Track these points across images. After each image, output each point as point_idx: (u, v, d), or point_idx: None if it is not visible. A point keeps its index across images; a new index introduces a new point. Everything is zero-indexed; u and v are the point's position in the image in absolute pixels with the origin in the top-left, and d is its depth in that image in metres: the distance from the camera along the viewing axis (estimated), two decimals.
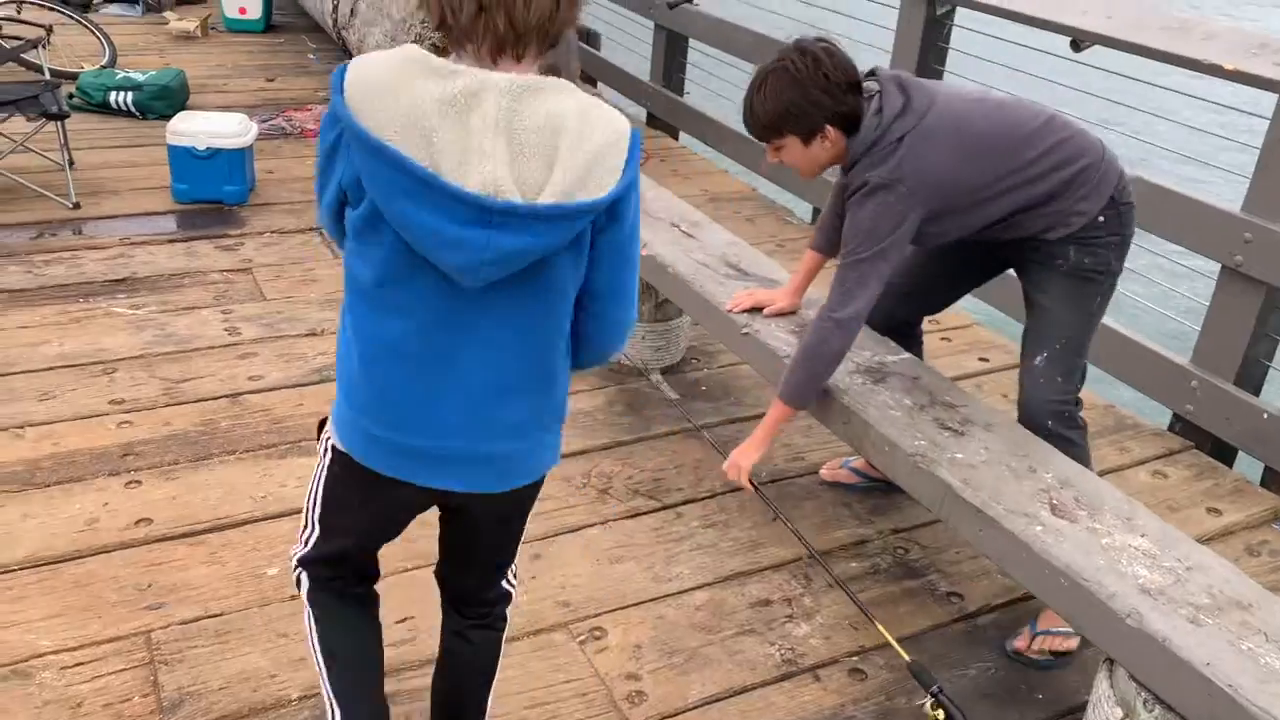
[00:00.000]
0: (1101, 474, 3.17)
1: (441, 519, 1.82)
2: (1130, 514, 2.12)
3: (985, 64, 4.36)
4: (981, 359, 3.85)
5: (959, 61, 4.41)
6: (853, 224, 2.33)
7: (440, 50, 1.47)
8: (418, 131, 1.36)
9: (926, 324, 4.02)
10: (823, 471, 3.06)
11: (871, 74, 2.39)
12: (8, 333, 3.44)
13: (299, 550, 1.82)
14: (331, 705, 1.78)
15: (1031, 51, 4.04)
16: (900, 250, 2.32)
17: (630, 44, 6.92)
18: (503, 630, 1.93)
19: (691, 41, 6.00)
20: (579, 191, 1.40)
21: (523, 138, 1.38)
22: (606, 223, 1.49)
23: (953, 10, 4.27)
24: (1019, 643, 2.47)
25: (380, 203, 1.40)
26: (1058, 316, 2.44)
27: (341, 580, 1.84)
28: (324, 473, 1.72)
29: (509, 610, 1.93)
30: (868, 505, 2.96)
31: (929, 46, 4.31)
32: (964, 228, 2.40)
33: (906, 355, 2.70)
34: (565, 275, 1.51)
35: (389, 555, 2.54)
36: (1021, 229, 2.40)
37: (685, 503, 2.91)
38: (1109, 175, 2.36)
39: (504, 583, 1.90)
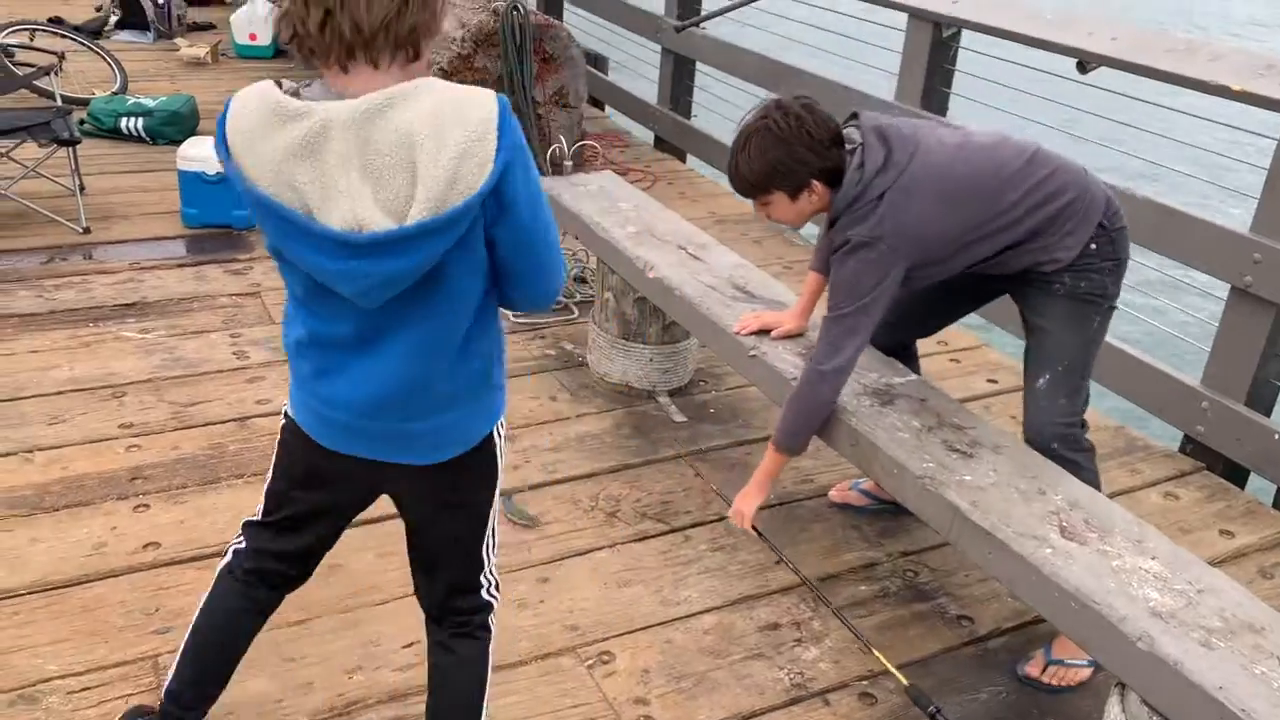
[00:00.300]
0: (1112, 495, 3.15)
1: (406, 527, 1.87)
2: (1141, 536, 2.11)
3: (991, 86, 4.37)
4: (990, 380, 3.84)
5: (965, 84, 4.42)
6: (836, 280, 2.37)
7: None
8: (283, 178, 1.43)
9: (935, 345, 4.03)
10: (832, 493, 3.05)
11: (853, 118, 2.41)
12: (18, 357, 3.45)
13: (247, 518, 1.95)
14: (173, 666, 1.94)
15: (1037, 73, 4.04)
16: (884, 303, 2.36)
17: (639, 68, 6.96)
18: (486, 640, 1.90)
19: (699, 65, 6.03)
20: (449, 197, 1.40)
21: (377, 163, 1.40)
22: (497, 213, 1.48)
23: (958, 33, 4.29)
24: (1031, 669, 2.44)
25: (274, 242, 1.52)
26: (1058, 339, 2.44)
27: (259, 570, 1.92)
28: (277, 439, 1.84)
29: (491, 619, 1.91)
30: (877, 528, 2.95)
31: (935, 69, 4.32)
32: (949, 271, 2.43)
33: (914, 377, 2.70)
34: (462, 275, 1.53)
35: (392, 580, 2.55)
36: (1009, 266, 2.42)
37: (693, 526, 2.90)
38: (1094, 205, 2.38)
39: (481, 593, 1.89)
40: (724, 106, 6.11)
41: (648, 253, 3.23)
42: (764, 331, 2.84)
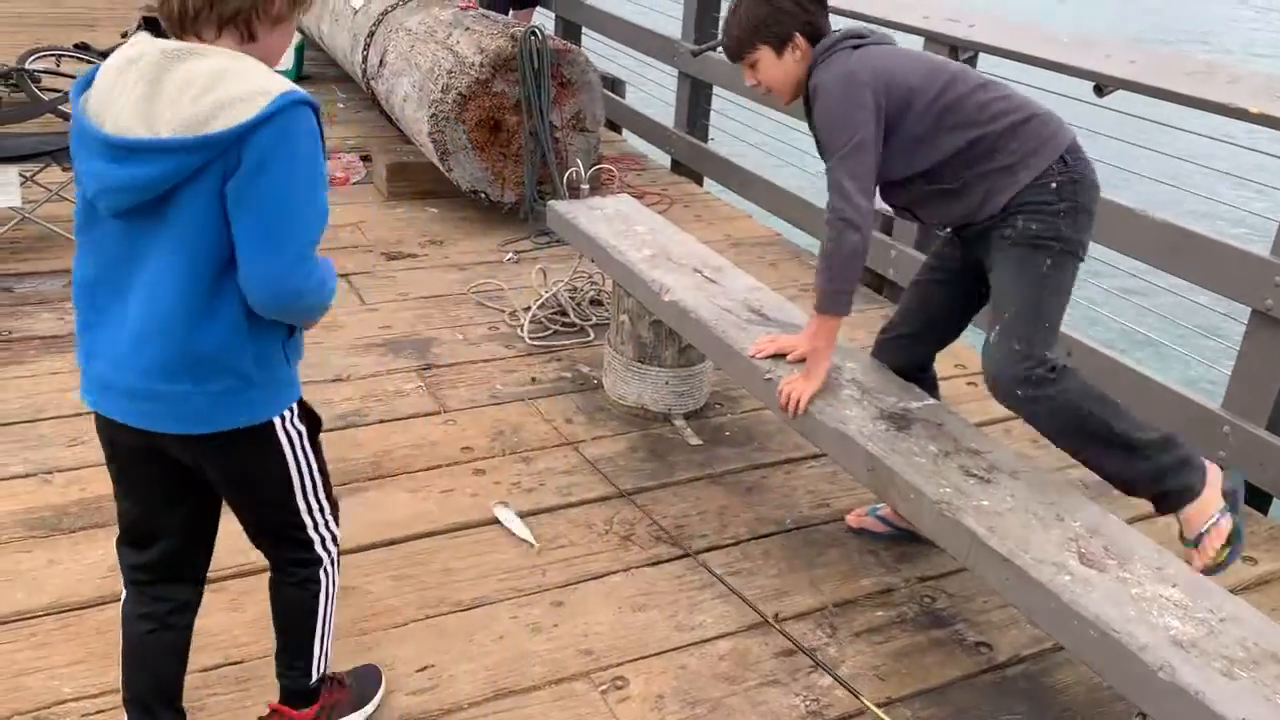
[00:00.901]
0: (1132, 521, 3.12)
1: None
2: (1161, 563, 2.08)
3: None
4: None
5: None
6: (823, 125, 2.44)
7: None
8: (101, 93, 1.67)
9: (953, 369, 4.01)
10: (849, 518, 3.03)
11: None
12: (39, 379, 3.48)
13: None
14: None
15: (1055, 96, 4.03)
16: (877, 139, 2.39)
17: (657, 92, 6.99)
18: (314, 592, 1.99)
19: (716, 89, 6.05)
20: (197, 129, 1.59)
21: (161, 88, 1.62)
22: (235, 168, 1.61)
23: (975, 56, 4.28)
24: (1197, 561, 2.37)
25: (74, 162, 1.71)
26: (1004, 287, 2.46)
27: (146, 580, 1.97)
28: None
29: (323, 571, 1.99)
30: (894, 553, 2.92)
31: None
32: (911, 167, 2.47)
33: (931, 401, 2.68)
34: (199, 213, 1.64)
35: (409, 602, 2.55)
36: (972, 196, 2.45)
37: (709, 550, 2.88)
38: (1061, 134, 2.43)
39: (304, 550, 1.96)
40: (741, 130, 6.14)
41: (663, 276, 3.24)
42: (779, 355, 2.83)
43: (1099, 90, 3.65)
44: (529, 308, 4.16)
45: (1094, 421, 2.39)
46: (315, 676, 2.06)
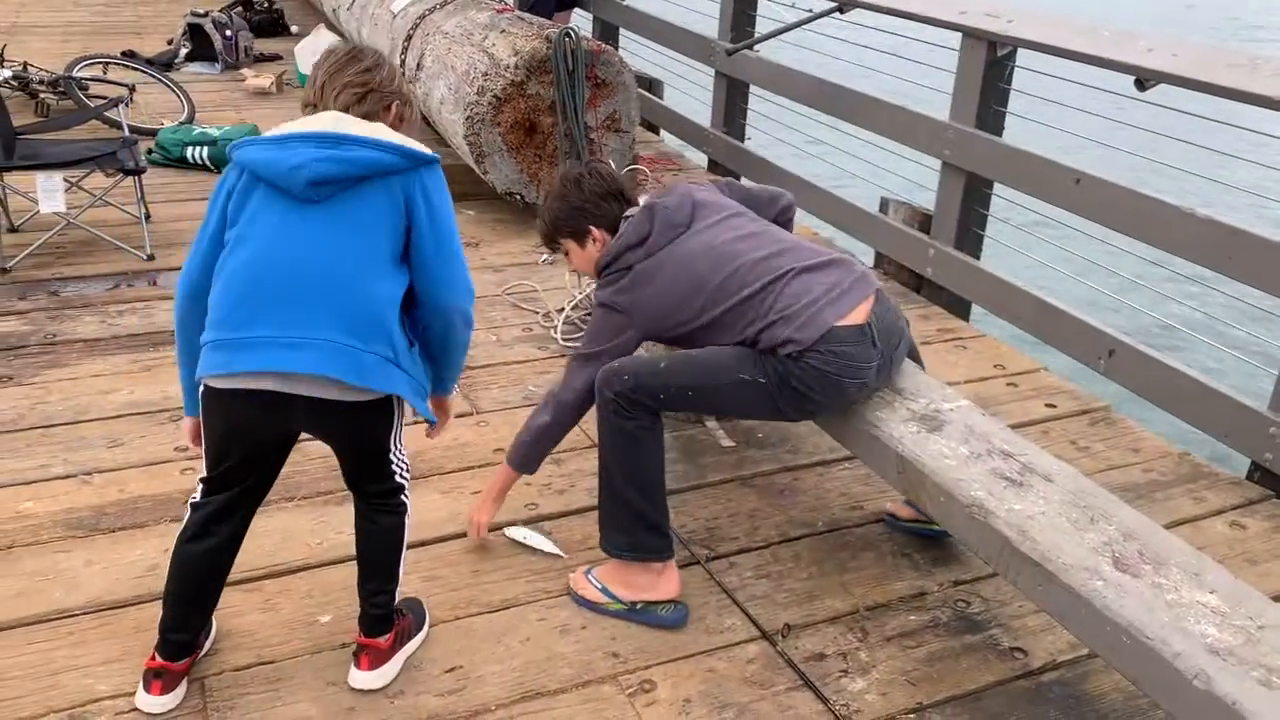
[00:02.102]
0: (1176, 524, 3.07)
1: None
2: (1199, 568, 2.03)
3: (1050, 105, 4.30)
4: (1049, 405, 3.75)
5: (1021, 103, 4.35)
6: (589, 324, 2.69)
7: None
8: (278, 132, 2.16)
9: (992, 369, 3.96)
10: (889, 505, 3.01)
11: (648, 204, 2.71)
12: (81, 380, 3.55)
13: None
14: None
15: (1096, 91, 3.97)
16: (617, 355, 2.62)
17: (696, 92, 6.97)
18: (402, 514, 2.31)
19: (753, 88, 6.02)
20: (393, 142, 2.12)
21: (344, 123, 2.13)
22: (414, 187, 2.13)
23: (1014, 51, 4.22)
24: None
25: None
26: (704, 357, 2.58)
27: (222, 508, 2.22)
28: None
29: (404, 496, 2.31)
30: (928, 556, 2.89)
31: (989, 88, 4.26)
32: (699, 343, 2.63)
33: (964, 402, 2.64)
34: (383, 206, 2.12)
35: (438, 603, 2.56)
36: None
37: (739, 552, 2.86)
38: (807, 334, 2.48)
39: (392, 478, 2.27)
40: (778, 129, 6.11)
41: None
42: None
43: (1140, 84, 3.58)
44: (562, 309, 4.16)
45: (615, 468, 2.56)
46: (398, 597, 2.34)
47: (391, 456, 2.25)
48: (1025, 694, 2.43)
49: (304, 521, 2.88)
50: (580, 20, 7.70)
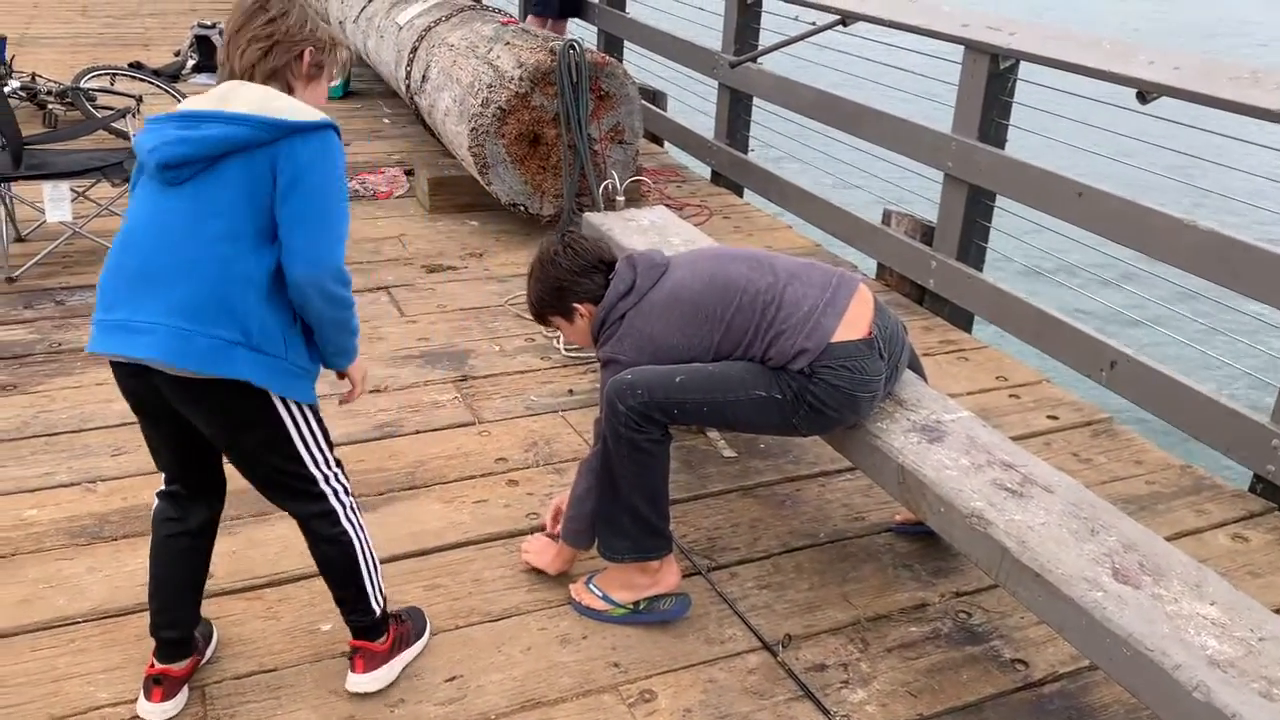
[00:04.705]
0: (1178, 536, 3.06)
1: None
2: (1199, 580, 2.03)
3: (1051, 117, 4.31)
4: (1050, 416, 3.75)
5: (1023, 115, 4.36)
6: (599, 383, 2.65)
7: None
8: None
9: (994, 380, 3.96)
10: (897, 515, 3.02)
11: (625, 256, 2.72)
12: (85, 389, 3.56)
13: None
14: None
15: (1098, 104, 3.98)
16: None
17: (697, 103, 7.00)
18: (344, 541, 2.22)
19: (756, 100, 6.05)
20: (265, 114, 1.98)
21: (231, 96, 2.02)
22: (284, 157, 1.97)
23: (1016, 64, 4.24)
24: None
25: None
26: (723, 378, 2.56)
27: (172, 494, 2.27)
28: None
29: (345, 517, 2.22)
30: (930, 567, 2.88)
31: (992, 101, 4.27)
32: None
33: (965, 413, 2.65)
34: (248, 182, 1.99)
35: (438, 613, 2.56)
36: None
37: (740, 563, 2.86)
38: (804, 358, 2.50)
39: (313, 498, 2.19)
40: (781, 141, 6.13)
41: None
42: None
43: (1142, 97, 3.59)
44: None
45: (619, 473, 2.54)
46: (378, 610, 2.31)
47: (299, 470, 2.14)
48: (1026, 706, 2.43)
49: None
50: (585, 32, 7.74)
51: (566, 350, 4.01)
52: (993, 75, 4.23)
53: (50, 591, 2.60)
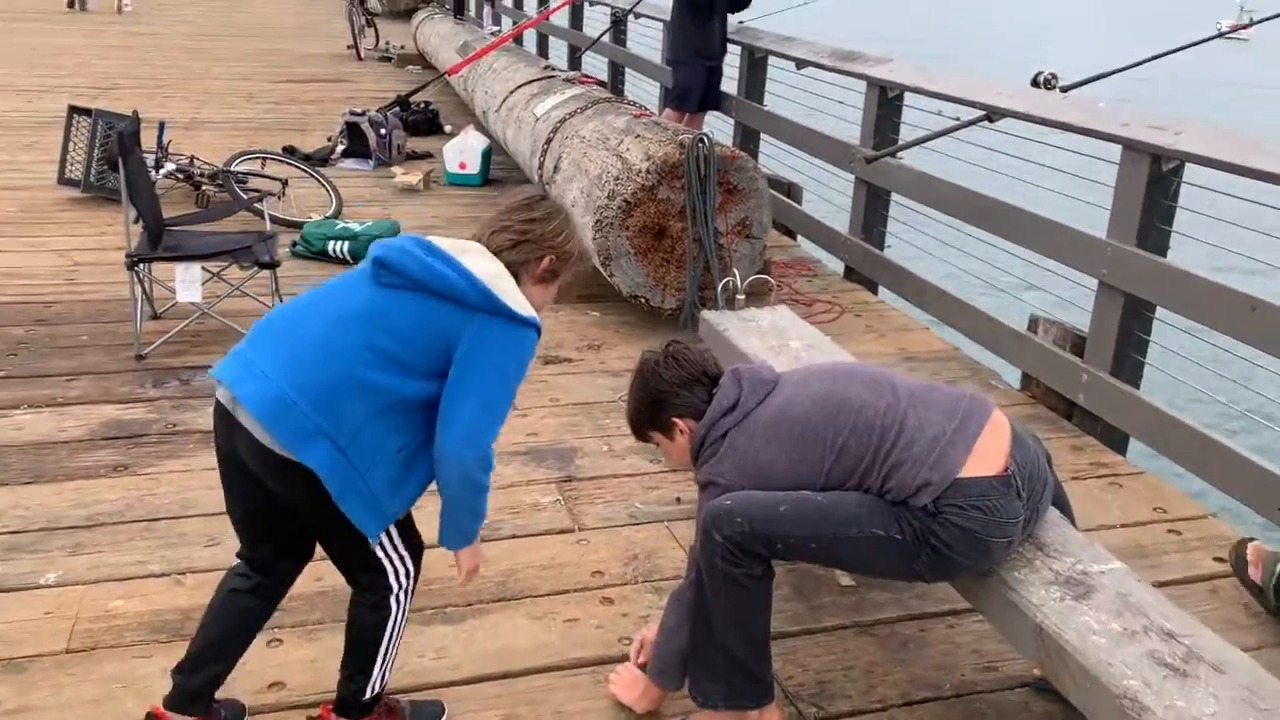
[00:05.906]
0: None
1: None
2: None
3: (1220, 224, 3.94)
4: (1218, 559, 3.32)
5: (1188, 222, 4.00)
6: (697, 507, 2.45)
7: None
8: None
9: (1152, 513, 3.56)
10: (1036, 670, 2.66)
11: (732, 369, 2.53)
12: (193, 473, 3.54)
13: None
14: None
15: (1271, 211, 3.60)
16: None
17: (833, 197, 6.80)
18: (384, 616, 2.22)
19: (895, 195, 5.81)
20: (484, 283, 2.10)
21: (467, 251, 2.16)
22: (476, 327, 2.06)
23: (1181, 166, 3.89)
24: None
25: None
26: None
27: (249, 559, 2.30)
28: None
29: (393, 600, 2.22)
30: None
31: (1153, 204, 3.93)
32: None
33: (1118, 564, 2.31)
34: (434, 329, 2.10)
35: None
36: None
37: (852, 714, 2.56)
38: (924, 493, 2.23)
39: (373, 574, 2.20)
40: (919, 238, 5.86)
41: None
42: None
43: None
44: None
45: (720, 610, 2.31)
46: (369, 694, 2.27)
47: (364, 556, 2.18)
48: None
49: None
50: (722, 124, 7.68)
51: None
52: (1154, 178, 3.90)
53: (121, 691, 2.52)
